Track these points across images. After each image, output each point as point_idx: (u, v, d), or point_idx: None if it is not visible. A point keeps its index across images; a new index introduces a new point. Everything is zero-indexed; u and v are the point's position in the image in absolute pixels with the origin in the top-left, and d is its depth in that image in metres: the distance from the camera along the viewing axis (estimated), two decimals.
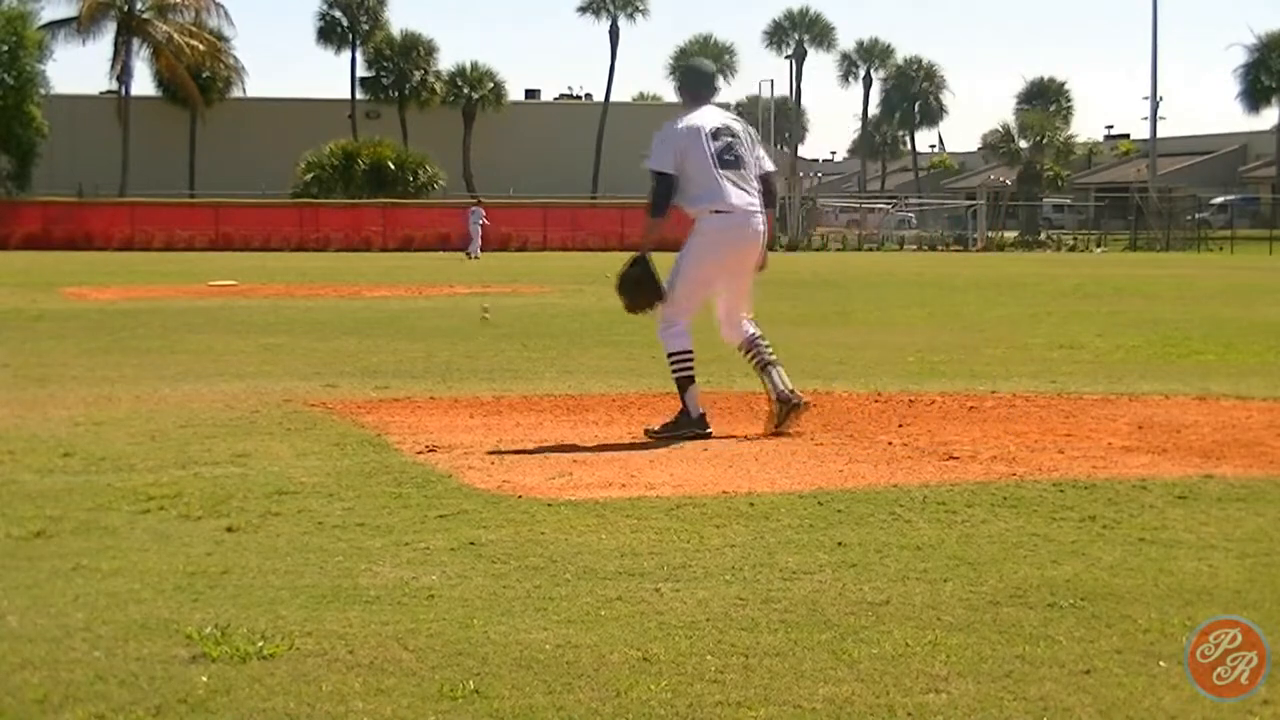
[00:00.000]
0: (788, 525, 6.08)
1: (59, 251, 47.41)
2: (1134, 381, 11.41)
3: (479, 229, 46.53)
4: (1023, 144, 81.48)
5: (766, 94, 78.17)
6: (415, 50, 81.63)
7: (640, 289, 8.72)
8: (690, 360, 8.64)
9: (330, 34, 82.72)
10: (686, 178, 8.51)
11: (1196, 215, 68.21)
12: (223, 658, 4.27)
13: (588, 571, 5.31)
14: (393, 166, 66.52)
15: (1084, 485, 6.92)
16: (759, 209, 8.67)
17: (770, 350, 8.86)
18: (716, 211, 8.55)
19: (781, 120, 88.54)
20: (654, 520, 6.15)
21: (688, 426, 8.39)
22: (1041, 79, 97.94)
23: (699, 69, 9.19)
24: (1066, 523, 6.15)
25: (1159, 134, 77.55)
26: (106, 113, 72.09)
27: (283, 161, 68.09)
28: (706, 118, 8.70)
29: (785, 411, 8.52)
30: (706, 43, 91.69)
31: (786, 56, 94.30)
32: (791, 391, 8.60)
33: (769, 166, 8.83)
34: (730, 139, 8.63)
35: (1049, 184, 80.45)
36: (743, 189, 8.59)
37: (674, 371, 8.66)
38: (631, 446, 8.14)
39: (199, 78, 73.41)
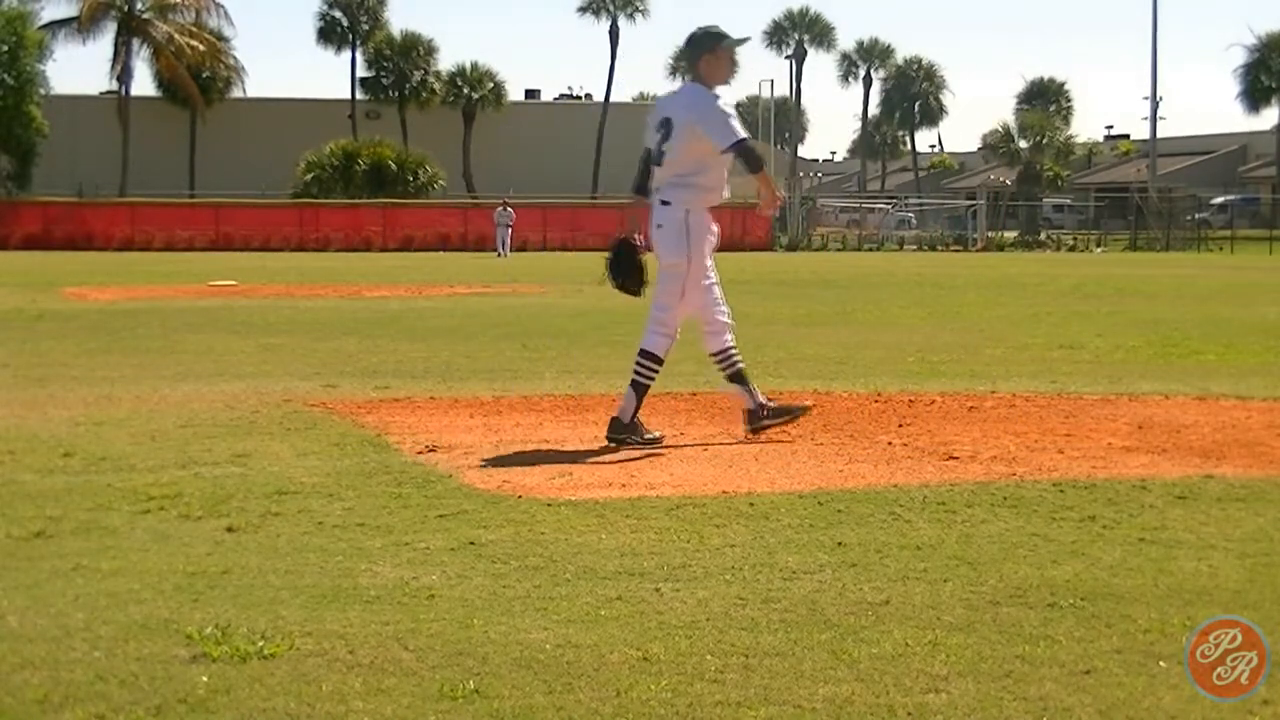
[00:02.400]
0: (788, 525, 6.08)
1: (59, 251, 47.43)
2: (1134, 381, 11.40)
3: (506, 228, 48.38)
4: (1023, 144, 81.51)
5: (766, 94, 78.24)
6: (415, 50, 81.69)
7: (630, 270, 8.55)
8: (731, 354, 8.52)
9: (330, 34, 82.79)
10: (708, 163, 8.26)
11: (1196, 215, 68.23)
12: (223, 658, 4.27)
13: (588, 571, 5.31)
14: (393, 166, 66.56)
15: (1084, 485, 6.92)
16: (660, 207, 8.41)
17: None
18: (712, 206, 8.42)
19: (781, 120, 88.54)
20: (654, 520, 6.15)
21: (787, 413, 8.38)
22: (1041, 79, 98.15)
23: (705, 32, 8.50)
24: (1066, 523, 6.15)
25: (1159, 134, 77.57)
26: (106, 113, 72.13)
27: (283, 161, 68.13)
28: (661, 102, 8.56)
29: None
30: None
31: (786, 56, 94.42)
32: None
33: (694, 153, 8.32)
34: (663, 131, 8.38)
35: (1049, 184, 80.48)
36: (656, 189, 8.44)
37: (725, 367, 8.50)
38: (631, 447, 8.13)
39: (199, 78, 73.47)
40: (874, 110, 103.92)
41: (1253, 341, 15.50)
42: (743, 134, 8.21)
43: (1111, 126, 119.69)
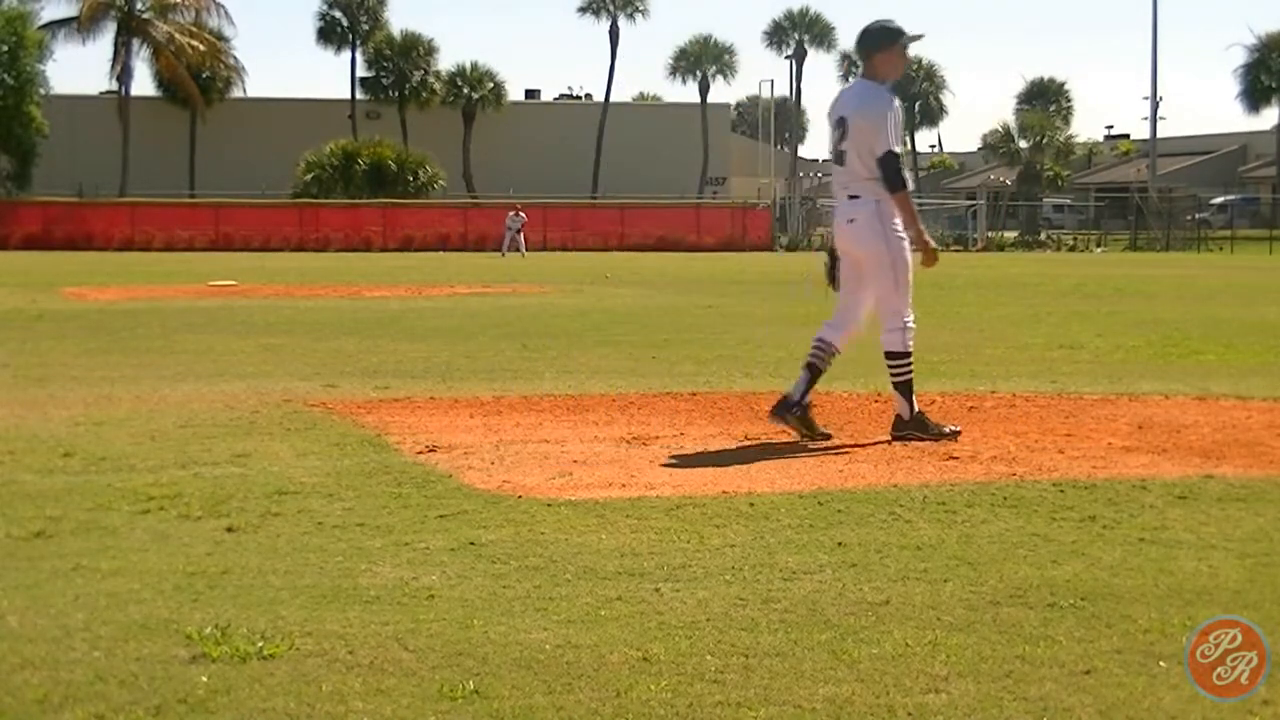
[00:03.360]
0: (788, 525, 6.08)
1: (59, 251, 47.43)
2: (1134, 381, 11.40)
3: (515, 232, 49.06)
4: (1023, 144, 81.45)
5: (766, 94, 78.28)
6: (415, 50, 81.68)
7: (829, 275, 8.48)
8: (815, 349, 8.50)
9: (330, 34, 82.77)
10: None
11: (1196, 215, 68.22)
12: (223, 658, 4.27)
13: (588, 571, 5.31)
14: (393, 166, 66.57)
15: (1084, 485, 6.92)
16: (851, 203, 8.39)
17: (894, 375, 8.45)
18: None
19: (781, 120, 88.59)
20: (654, 520, 6.15)
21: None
22: (1041, 79, 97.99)
23: (860, 31, 8.50)
24: (1066, 523, 6.15)
25: (1159, 134, 77.55)
26: (106, 113, 72.14)
27: (283, 161, 68.13)
28: (838, 101, 8.52)
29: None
30: (707, 43, 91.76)
31: (786, 56, 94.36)
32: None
33: (879, 149, 8.27)
34: (841, 130, 8.34)
35: (1049, 184, 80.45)
36: (840, 187, 8.47)
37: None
38: (631, 446, 8.13)
39: (199, 78, 73.47)
40: None
41: (1253, 341, 15.50)
42: (894, 146, 8.22)
43: (1111, 126, 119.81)
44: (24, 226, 53.41)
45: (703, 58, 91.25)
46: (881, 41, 8.40)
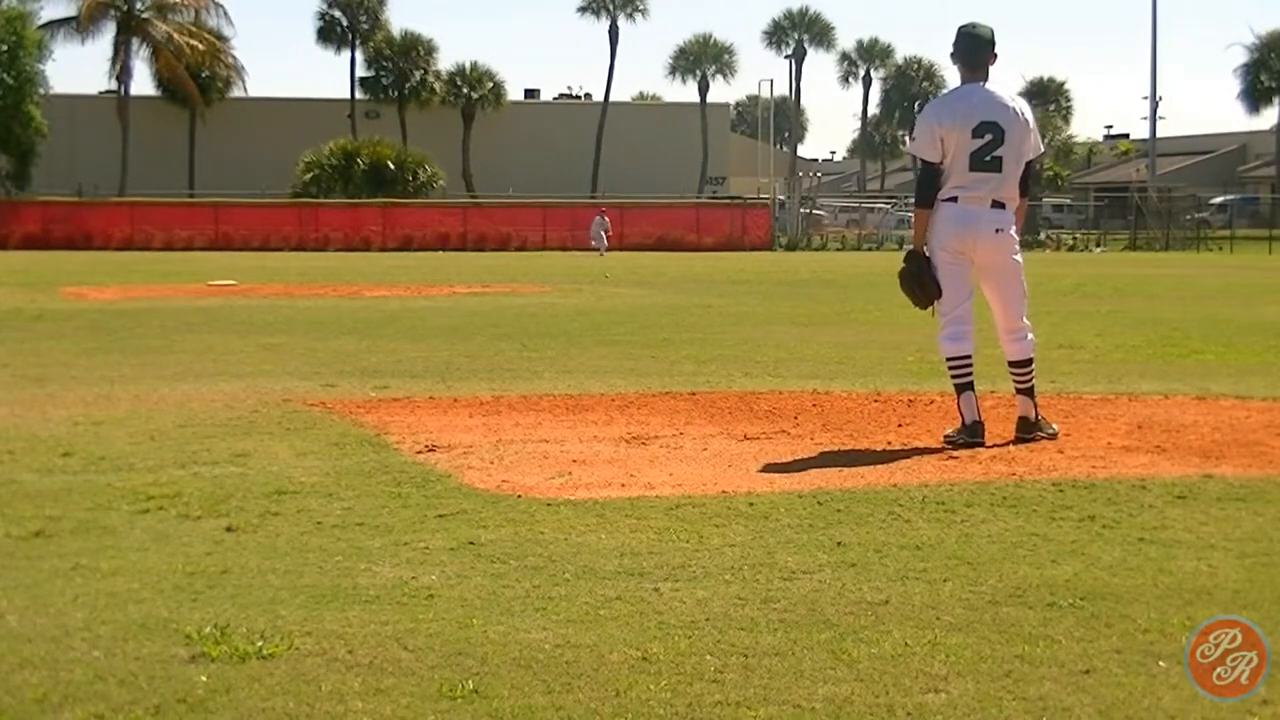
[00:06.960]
0: (787, 525, 6.08)
1: (59, 251, 47.40)
2: (1134, 381, 11.40)
3: (603, 233, 49.57)
4: None
5: (766, 94, 78.33)
6: (415, 50, 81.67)
7: (918, 286, 8.28)
8: (959, 365, 8.27)
9: (330, 34, 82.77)
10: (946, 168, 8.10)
11: (1196, 215, 68.19)
12: (222, 657, 4.27)
13: (587, 571, 5.31)
14: (392, 166, 66.52)
15: (1084, 485, 6.92)
16: (998, 211, 8.15)
17: (1026, 380, 8.34)
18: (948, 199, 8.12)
19: (781, 120, 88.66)
20: (654, 520, 6.14)
21: (962, 434, 8.13)
22: (1041, 79, 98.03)
23: (973, 33, 8.25)
24: (1066, 523, 6.15)
25: (1159, 134, 77.53)
26: (106, 113, 72.13)
27: (283, 161, 68.08)
28: (977, 105, 8.15)
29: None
30: (707, 43, 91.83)
31: (786, 56, 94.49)
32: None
33: (1030, 155, 8.26)
34: (992, 135, 8.07)
35: (1049, 184, 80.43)
36: (987, 193, 8.12)
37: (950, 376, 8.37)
38: (631, 446, 8.12)
39: (199, 78, 73.45)
40: (874, 110, 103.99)
41: (1253, 341, 15.49)
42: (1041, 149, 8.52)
43: (1111, 126, 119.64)
44: (23, 226, 53.33)
45: (702, 57, 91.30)
46: (995, 45, 8.35)
